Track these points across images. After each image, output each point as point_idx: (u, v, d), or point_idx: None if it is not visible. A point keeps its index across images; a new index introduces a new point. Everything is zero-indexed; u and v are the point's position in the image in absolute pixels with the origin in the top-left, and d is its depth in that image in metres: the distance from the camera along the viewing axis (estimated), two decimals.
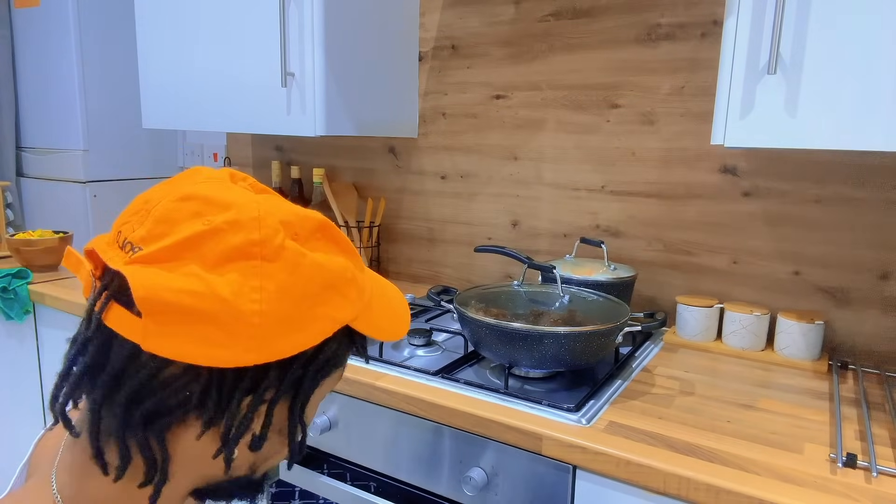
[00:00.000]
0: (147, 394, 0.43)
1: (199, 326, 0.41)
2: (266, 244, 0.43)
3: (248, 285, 0.42)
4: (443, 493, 1.02)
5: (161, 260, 0.42)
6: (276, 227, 0.44)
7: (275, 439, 0.50)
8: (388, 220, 1.81)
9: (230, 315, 0.41)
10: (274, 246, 0.43)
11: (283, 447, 0.51)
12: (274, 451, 0.51)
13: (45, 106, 1.97)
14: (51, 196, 2.01)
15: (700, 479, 0.78)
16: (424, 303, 1.51)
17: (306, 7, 1.33)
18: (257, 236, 0.43)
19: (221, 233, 0.43)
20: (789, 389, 1.08)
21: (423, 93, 1.69)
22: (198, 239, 0.43)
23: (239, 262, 0.42)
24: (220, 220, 0.43)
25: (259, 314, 0.42)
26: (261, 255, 0.43)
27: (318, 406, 0.56)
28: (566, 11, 1.45)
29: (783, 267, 1.29)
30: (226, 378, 0.44)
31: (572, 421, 0.92)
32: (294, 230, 0.45)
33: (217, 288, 0.41)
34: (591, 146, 1.47)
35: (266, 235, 0.43)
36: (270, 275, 0.43)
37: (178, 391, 0.44)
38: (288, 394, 0.47)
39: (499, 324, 0.99)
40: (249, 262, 0.43)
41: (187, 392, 0.43)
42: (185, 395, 0.44)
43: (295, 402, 0.48)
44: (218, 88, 1.52)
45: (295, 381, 0.47)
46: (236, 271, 0.42)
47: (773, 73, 0.90)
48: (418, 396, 1.01)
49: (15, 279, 1.65)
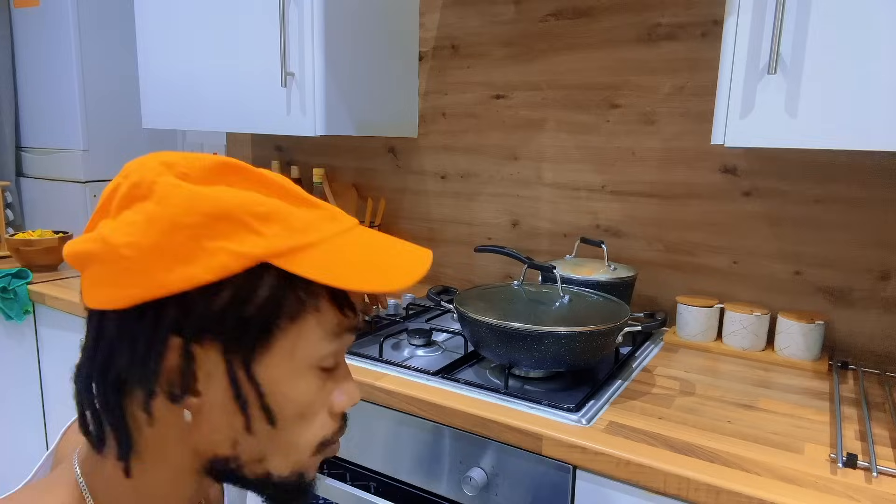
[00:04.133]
0: (109, 360, 0.46)
1: (93, 269, 0.45)
2: (142, 185, 0.45)
3: (124, 222, 0.45)
4: (443, 493, 1.02)
5: (88, 230, 0.48)
6: (155, 168, 0.46)
7: (228, 407, 0.47)
8: (388, 220, 1.81)
9: (107, 251, 0.44)
10: (147, 183, 0.45)
11: (236, 416, 0.47)
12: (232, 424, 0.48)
13: (45, 106, 1.97)
14: (51, 196, 2.01)
15: (700, 479, 0.78)
16: (424, 303, 1.51)
17: (306, 7, 1.33)
18: (136, 179, 0.46)
19: (118, 188, 0.46)
20: (789, 389, 1.08)
21: (423, 93, 1.69)
22: (105, 201, 0.47)
23: (126, 208, 0.45)
24: (121, 178, 0.47)
25: (129, 245, 0.43)
26: (139, 195, 0.45)
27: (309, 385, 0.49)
28: (566, 11, 1.45)
29: (783, 267, 1.29)
30: (136, 325, 0.44)
31: (572, 421, 0.92)
32: (181, 170, 0.46)
33: (103, 232, 0.45)
34: (591, 146, 1.47)
35: (142, 176, 0.45)
36: (143, 210, 0.44)
37: (116, 348, 0.45)
38: (212, 339, 0.45)
39: (499, 324, 0.99)
40: (132, 205, 0.45)
41: (120, 347, 0.45)
42: (121, 351, 0.45)
43: (232, 354, 0.46)
44: (218, 88, 1.52)
45: (212, 323, 0.45)
46: (122, 216, 0.45)
47: (773, 73, 0.90)
48: (418, 396, 1.01)
49: (14, 279, 1.64)
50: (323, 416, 0.51)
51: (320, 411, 0.51)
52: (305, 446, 0.51)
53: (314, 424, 0.51)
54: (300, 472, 0.51)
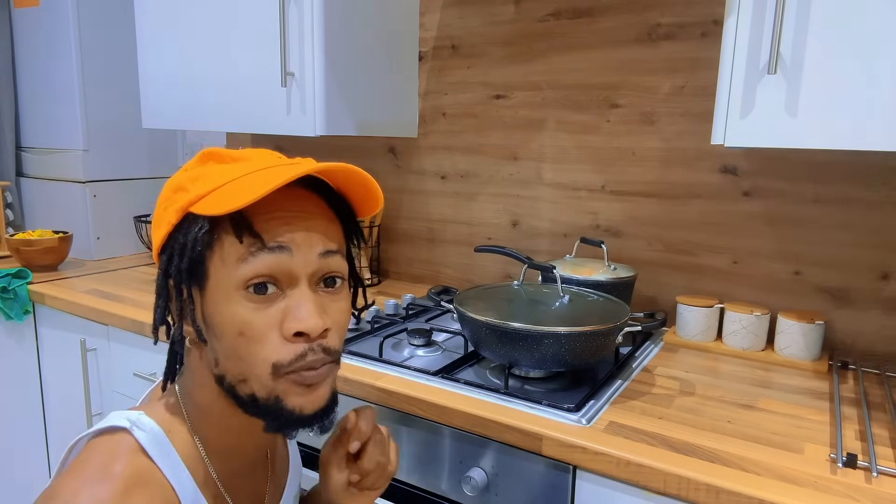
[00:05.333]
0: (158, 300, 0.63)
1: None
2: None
3: None
4: (443, 493, 1.02)
5: None
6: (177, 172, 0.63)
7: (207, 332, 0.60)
8: (388, 220, 1.81)
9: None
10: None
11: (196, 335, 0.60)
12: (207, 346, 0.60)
13: (45, 106, 1.97)
14: (51, 196, 2.01)
15: (700, 479, 0.78)
16: (424, 303, 1.51)
17: (306, 7, 1.33)
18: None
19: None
20: (789, 389, 1.08)
21: (423, 92, 1.69)
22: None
23: None
24: None
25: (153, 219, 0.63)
26: None
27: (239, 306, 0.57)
28: (566, 11, 1.45)
29: (783, 267, 1.29)
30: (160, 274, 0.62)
31: (572, 421, 0.92)
32: (186, 167, 0.63)
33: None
34: (591, 146, 1.47)
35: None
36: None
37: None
38: (186, 278, 0.58)
39: (499, 324, 0.99)
40: None
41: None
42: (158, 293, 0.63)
43: (191, 287, 0.59)
44: (217, 88, 1.52)
45: (179, 264, 0.58)
46: None
47: (773, 73, 0.90)
48: (419, 396, 1.01)
49: (14, 279, 1.64)
50: (274, 340, 0.57)
51: (268, 333, 0.57)
52: (262, 365, 0.57)
53: (265, 346, 0.57)
54: (276, 396, 0.58)
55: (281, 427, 0.60)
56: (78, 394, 1.61)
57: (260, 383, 0.58)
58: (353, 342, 1.24)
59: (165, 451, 0.60)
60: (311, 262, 0.58)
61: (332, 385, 0.62)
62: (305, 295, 0.58)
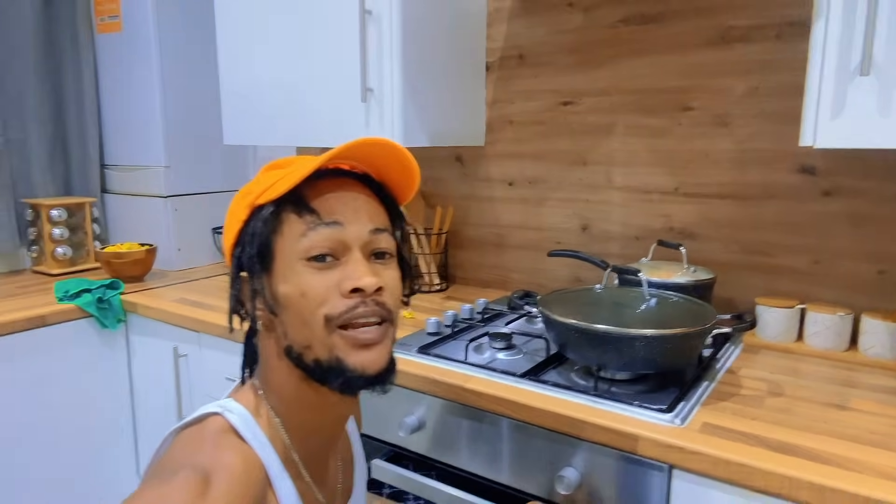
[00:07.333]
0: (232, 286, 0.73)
1: None
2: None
3: None
4: (534, 492, 1.05)
5: None
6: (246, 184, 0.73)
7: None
8: (455, 227, 1.85)
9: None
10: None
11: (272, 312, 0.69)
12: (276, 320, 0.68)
13: (127, 126, 2.09)
14: (133, 210, 2.12)
15: (803, 477, 0.79)
16: (498, 307, 1.54)
17: (385, 24, 1.39)
18: None
19: None
20: (880, 389, 1.07)
21: (490, 102, 1.72)
22: None
23: None
24: None
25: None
26: None
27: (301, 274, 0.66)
28: (635, 17, 1.47)
29: (867, 266, 1.27)
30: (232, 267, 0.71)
31: (666, 422, 0.94)
32: (258, 175, 0.73)
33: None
34: (662, 149, 1.48)
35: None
36: None
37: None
38: (256, 265, 0.68)
39: (588, 326, 1.02)
40: None
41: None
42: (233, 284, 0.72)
43: (261, 271, 0.68)
44: (296, 105, 1.59)
45: (250, 253, 0.68)
46: None
47: (865, 75, 0.91)
48: (507, 398, 1.04)
49: (108, 290, 1.75)
50: (334, 299, 0.65)
51: (327, 294, 0.65)
52: (318, 321, 0.65)
53: (324, 305, 0.65)
54: (337, 357, 0.66)
55: (346, 386, 0.66)
56: (168, 398, 1.70)
57: (320, 343, 0.65)
58: (435, 346, 1.28)
59: (253, 431, 0.67)
60: (363, 236, 0.67)
61: (389, 347, 0.69)
62: (360, 260, 0.67)
